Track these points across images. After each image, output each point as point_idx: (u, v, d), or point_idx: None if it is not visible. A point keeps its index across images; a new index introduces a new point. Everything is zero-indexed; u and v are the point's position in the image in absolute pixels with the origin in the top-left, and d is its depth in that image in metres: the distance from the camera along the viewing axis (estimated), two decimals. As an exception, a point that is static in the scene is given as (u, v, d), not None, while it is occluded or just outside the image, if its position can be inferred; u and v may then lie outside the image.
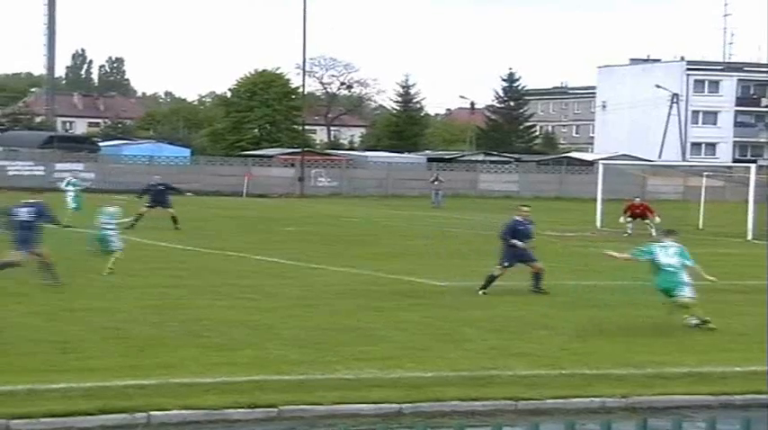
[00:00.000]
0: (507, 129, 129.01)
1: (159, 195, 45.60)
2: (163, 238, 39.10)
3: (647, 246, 22.30)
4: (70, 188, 48.35)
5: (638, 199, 50.64)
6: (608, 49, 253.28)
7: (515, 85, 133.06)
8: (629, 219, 48.22)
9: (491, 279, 26.23)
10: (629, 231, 47.29)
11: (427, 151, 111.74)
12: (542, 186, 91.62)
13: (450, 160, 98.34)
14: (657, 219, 46.95)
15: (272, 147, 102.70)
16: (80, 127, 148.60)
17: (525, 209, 27.66)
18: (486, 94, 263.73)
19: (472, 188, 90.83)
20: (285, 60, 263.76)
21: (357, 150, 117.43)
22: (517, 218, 27.22)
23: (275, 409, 14.59)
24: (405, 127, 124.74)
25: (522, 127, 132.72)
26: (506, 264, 26.38)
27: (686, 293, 21.72)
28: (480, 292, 25.78)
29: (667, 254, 21.86)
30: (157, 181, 47.71)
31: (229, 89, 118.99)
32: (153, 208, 45.05)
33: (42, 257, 25.05)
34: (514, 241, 26.50)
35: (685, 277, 21.90)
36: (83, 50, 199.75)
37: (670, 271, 21.74)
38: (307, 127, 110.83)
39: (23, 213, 24.99)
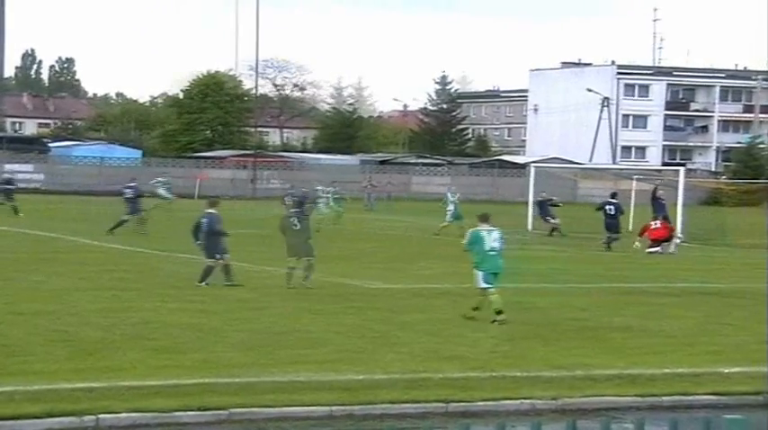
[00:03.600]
0: (440, 132, 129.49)
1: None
2: (112, 240, 39.00)
3: (472, 235, 22.74)
4: (451, 200, 49.92)
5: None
6: (540, 52, 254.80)
7: (448, 87, 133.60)
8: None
9: None
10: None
11: (360, 153, 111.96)
12: (474, 189, 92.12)
13: (382, 163, 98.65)
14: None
15: (224, 149, 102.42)
16: (30, 127, 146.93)
17: None
18: (419, 97, 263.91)
19: (405, 190, 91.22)
20: (238, 62, 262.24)
21: (310, 152, 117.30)
22: None
23: (225, 412, 14.69)
24: (338, 129, 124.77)
25: (454, 130, 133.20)
26: None
27: (495, 286, 22.40)
28: None
29: (491, 238, 22.50)
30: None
31: (181, 90, 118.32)
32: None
33: (225, 261, 26.89)
34: None
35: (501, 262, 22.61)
36: (32, 50, 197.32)
37: (493, 255, 22.44)
38: (259, 129, 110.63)
39: (204, 223, 27.03)
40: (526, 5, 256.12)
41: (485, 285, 22.42)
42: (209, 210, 27.35)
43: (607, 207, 44.27)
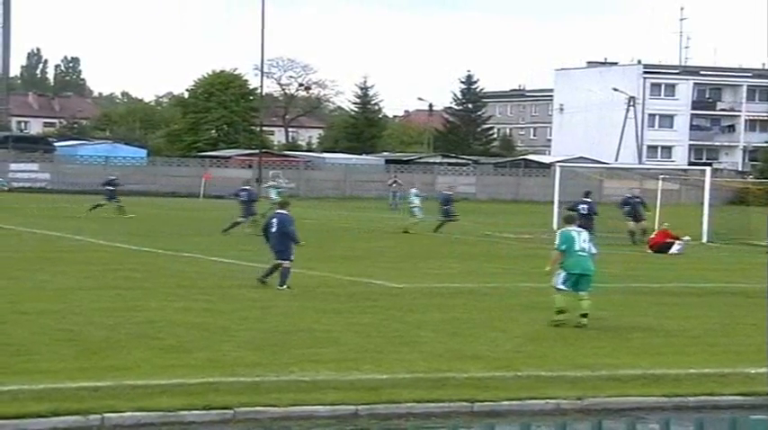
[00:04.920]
0: (465, 132, 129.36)
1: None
2: (117, 239, 38.93)
3: (562, 235, 22.34)
4: (416, 200, 50.77)
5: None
6: (565, 52, 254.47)
7: (473, 87, 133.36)
8: None
9: None
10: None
11: (385, 153, 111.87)
12: (499, 188, 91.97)
13: (407, 162, 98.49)
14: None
15: (229, 149, 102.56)
16: (35, 127, 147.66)
17: None
18: (444, 96, 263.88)
19: (429, 190, 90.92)
20: (243, 61, 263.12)
21: (315, 152, 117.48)
22: None
23: (230, 411, 14.55)
24: (363, 128, 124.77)
25: (479, 129, 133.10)
26: None
27: (588, 290, 21.96)
28: None
29: (581, 239, 22.13)
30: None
31: (186, 90, 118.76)
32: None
33: (284, 265, 26.13)
34: None
35: (592, 265, 22.19)
36: (38, 50, 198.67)
37: (583, 256, 22.00)
38: (264, 128, 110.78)
39: (274, 223, 26.39)
40: (550, 3, 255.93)
41: (562, 287, 21.96)
42: (281, 211, 26.99)
43: (580, 206, 41.49)
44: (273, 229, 26.42)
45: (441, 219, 48.72)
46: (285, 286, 25.87)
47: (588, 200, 42.40)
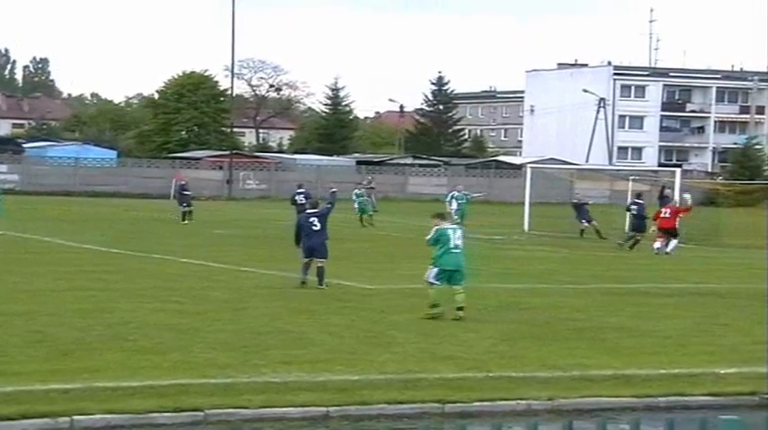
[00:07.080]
0: (436, 133, 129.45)
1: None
2: (89, 241, 38.78)
3: (438, 232, 22.87)
4: (454, 202, 51.11)
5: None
6: (536, 53, 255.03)
7: (444, 88, 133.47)
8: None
9: None
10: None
11: (356, 154, 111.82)
12: (471, 190, 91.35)
13: (378, 163, 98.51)
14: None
15: (200, 150, 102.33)
16: (4, 128, 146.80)
17: None
18: (415, 98, 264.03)
19: (401, 191, 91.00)
20: (213, 62, 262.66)
21: (286, 153, 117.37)
22: None
23: (201, 413, 14.53)
24: (334, 130, 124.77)
25: (450, 130, 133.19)
26: None
27: (462, 285, 22.67)
28: None
29: (456, 236, 22.89)
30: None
31: (157, 91, 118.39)
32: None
33: (321, 264, 26.68)
34: None
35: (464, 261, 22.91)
36: (6, 50, 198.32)
37: (456, 252, 22.70)
38: (235, 129, 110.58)
39: (316, 223, 26.95)
40: (521, 5, 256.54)
41: (434, 282, 22.67)
42: (313, 210, 27.42)
43: (633, 207, 44.83)
44: (316, 228, 26.85)
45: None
46: (324, 285, 26.39)
47: (640, 201, 44.73)
